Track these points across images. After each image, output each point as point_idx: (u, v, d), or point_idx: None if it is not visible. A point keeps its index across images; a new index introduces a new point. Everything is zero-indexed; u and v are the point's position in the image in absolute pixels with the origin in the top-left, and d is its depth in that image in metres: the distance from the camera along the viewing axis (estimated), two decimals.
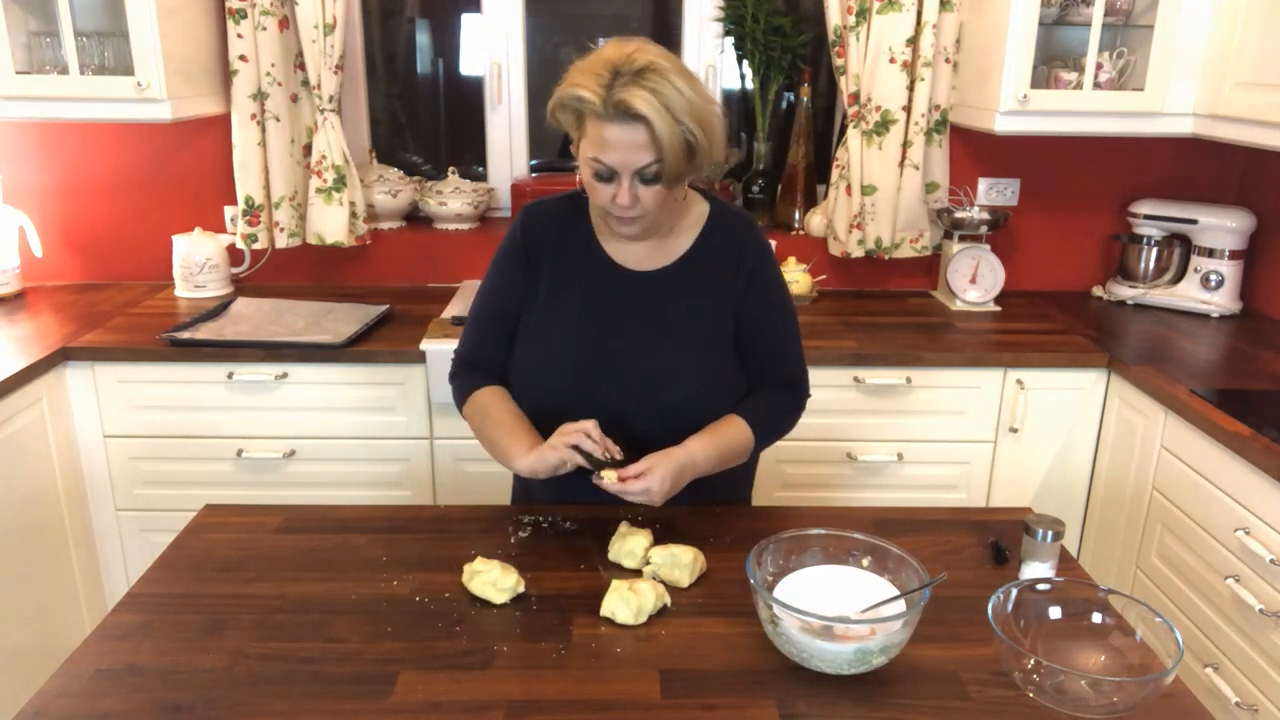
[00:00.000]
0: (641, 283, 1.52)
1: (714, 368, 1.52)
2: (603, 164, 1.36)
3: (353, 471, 2.39)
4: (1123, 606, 1.17)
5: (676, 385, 1.49)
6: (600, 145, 1.35)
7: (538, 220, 1.56)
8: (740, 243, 1.54)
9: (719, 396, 1.53)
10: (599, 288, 1.52)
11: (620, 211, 1.40)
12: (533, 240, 1.55)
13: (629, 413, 1.48)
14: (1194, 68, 2.39)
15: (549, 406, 1.51)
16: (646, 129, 1.32)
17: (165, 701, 1.09)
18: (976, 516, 1.55)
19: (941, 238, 2.79)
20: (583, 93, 1.33)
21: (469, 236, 2.82)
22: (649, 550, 1.37)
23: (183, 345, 2.28)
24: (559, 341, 1.51)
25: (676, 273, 1.52)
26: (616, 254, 1.53)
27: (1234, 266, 2.62)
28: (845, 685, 1.13)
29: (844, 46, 2.58)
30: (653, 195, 1.39)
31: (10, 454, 2.09)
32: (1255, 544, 1.79)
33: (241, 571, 1.36)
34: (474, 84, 2.93)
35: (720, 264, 1.53)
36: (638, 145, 1.34)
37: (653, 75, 1.32)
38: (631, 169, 1.36)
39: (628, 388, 1.49)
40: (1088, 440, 2.39)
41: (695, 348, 1.51)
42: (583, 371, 1.49)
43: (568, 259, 1.54)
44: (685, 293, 1.52)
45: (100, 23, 2.44)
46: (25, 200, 2.76)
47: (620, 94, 1.31)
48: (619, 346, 1.50)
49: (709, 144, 1.37)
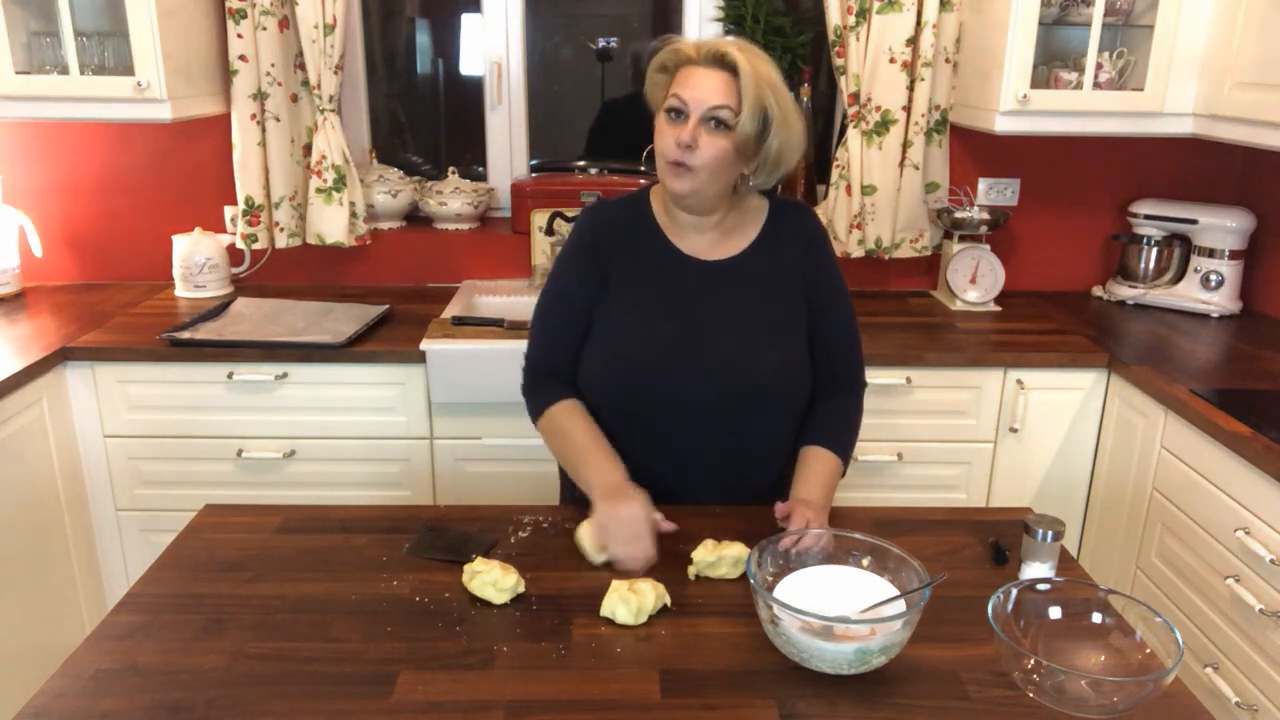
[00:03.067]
0: (713, 272, 1.53)
1: (791, 351, 1.54)
2: (679, 99, 1.41)
3: (353, 471, 2.39)
4: (1123, 606, 1.17)
5: (757, 370, 1.50)
6: (683, 83, 1.41)
7: (604, 218, 1.58)
8: (806, 229, 1.57)
9: (798, 380, 1.55)
10: (671, 279, 1.53)
11: (675, 154, 1.41)
12: (602, 240, 1.55)
13: (709, 400, 1.50)
14: (1194, 68, 2.39)
15: (628, 399, 1.52)
16: (731, 78, 1.39)
17: (165, 701, 1.09)
18: (976, 516, 1.55)
19: (941, 238, 2.79)
20: (681, 45, 1.43)
21: (469, 236, 2.82)
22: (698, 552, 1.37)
23: (183, 345, 2.28)
24: (637, 335, 1.52)
25: (747, 260, 1.54)
26: (685, 246, 1.55)
27: (1234, 266, 2.62)
28: (845, 685, 1.13)
29: (844, 46, 2.58)
30: (714, 148, 1.41)
31: (10, 454, 2.09)
32: (1255, 544, 1.79)
33: (241, 571, 1.36)
34: (474, 84, 2.93)
35: (789, 250, 1.55)
36: (717, 88, 1.39)
37: (750, 50, 1.42)
38: (704, 106, 1.40)
39: (708, 376, 1.49)
40: (1088, 440, 2.39)
41: (772, 332, 1.53)
42: (663, 362, 1.50)
43: (637, 254, 1.55)
44: (758, 279, 1.54)
45: (100, 23, 2.44)
46: (25, 200, 2.76)
47: (717, 43, 1.41)
48: (697, 336, 1.51)
49: (784, 131, 1.42)
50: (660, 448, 1.54)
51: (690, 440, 1.53)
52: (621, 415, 1.53)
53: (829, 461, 1.53)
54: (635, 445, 1.52)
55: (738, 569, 1.34)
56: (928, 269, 2.88)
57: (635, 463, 1.49)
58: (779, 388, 1.52)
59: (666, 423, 1.52)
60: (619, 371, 1.52)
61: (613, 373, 1.52)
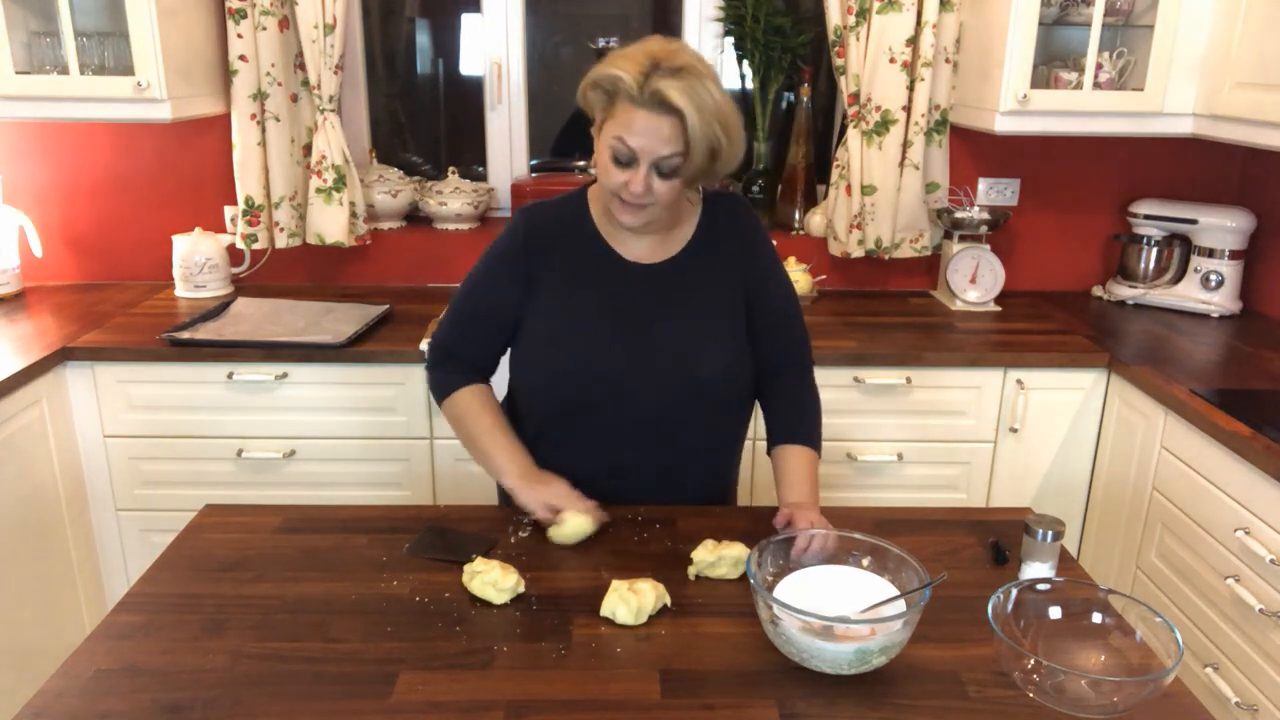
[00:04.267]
0: (654, 275, 1.53)
1: (738, 344, 1.54)
2: (625, 146, 1.37)
3: (353, 471, 2.39)
4: (1123, 606, 1.17)
5: (706, 368, 1.50)
6: (627, 127, 1.36)
7: (540, 222, 1.55)
8: (740, 223, 1.57)
9: (742, 378, 1.55)
10: (613, 284, 1.52)
11: (630, 198, 1.40)
12: (536, 243, 1.54)
13: (661, 401, 1.50)
14: (1194, 68, 2.39)
15: (578, 406, 1.51)
16: (677, 122, 1.34)
17: (165, 701, 1.09)
18: (976, 516, 1.55)
19: (941, 238, 2.79)
20: (621, 74, 1.34)
21: (469, 236, 2.82)
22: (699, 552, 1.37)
23: (183, 345, 2.28)
24: (582, 341, 1.51)
25: (686, 260, 1.54)
26: (624, 249, 1.54)
27: (1234, 266, 2.62)
28: (845, 685, 1.13)
29: (844, 46, 2.58)
30: (667, 189, 1.40)
31: (10, 454, 2.09)
32: (1255, 544, 1.79)
33: (241, 571, 1.36)
34: (474, 84, 2.93)
35: (725, 245, 1.55)
36: (664, 136, 1.35)
37: (690, 75, 1.34)
38: (652, 157, 1.37)
39: (657, 377, 1.49)
40: (1088, 440, 2.39)
41: (718, 329, 1.52)
42: (611, 368, 1.49)
43: (575, 259, 1.53)
44: (699, 279, 1.53)
45: (100, 23, 2.44)
46: (25, 200, 2.76)
47: (658, 83, 1.33)
48: (643, 339, 1.50)
49: (731, 148, 1.40)
50: (604, 452, 1.54)
51: (635, 443, 1.53)
52: (565, 422, 1.53)
53: (804, 457, 1.53)
54: (578, 451, 1.53)
55: (738, 569, 1.35)
56: (928, 269, 2.88)
57: (578, 468, 1.50)
58: (723, 387, 1.53)
59: (611, 428, 1.52)
60: (562, 379, 1.51)
61: (556, 380, 1.52)
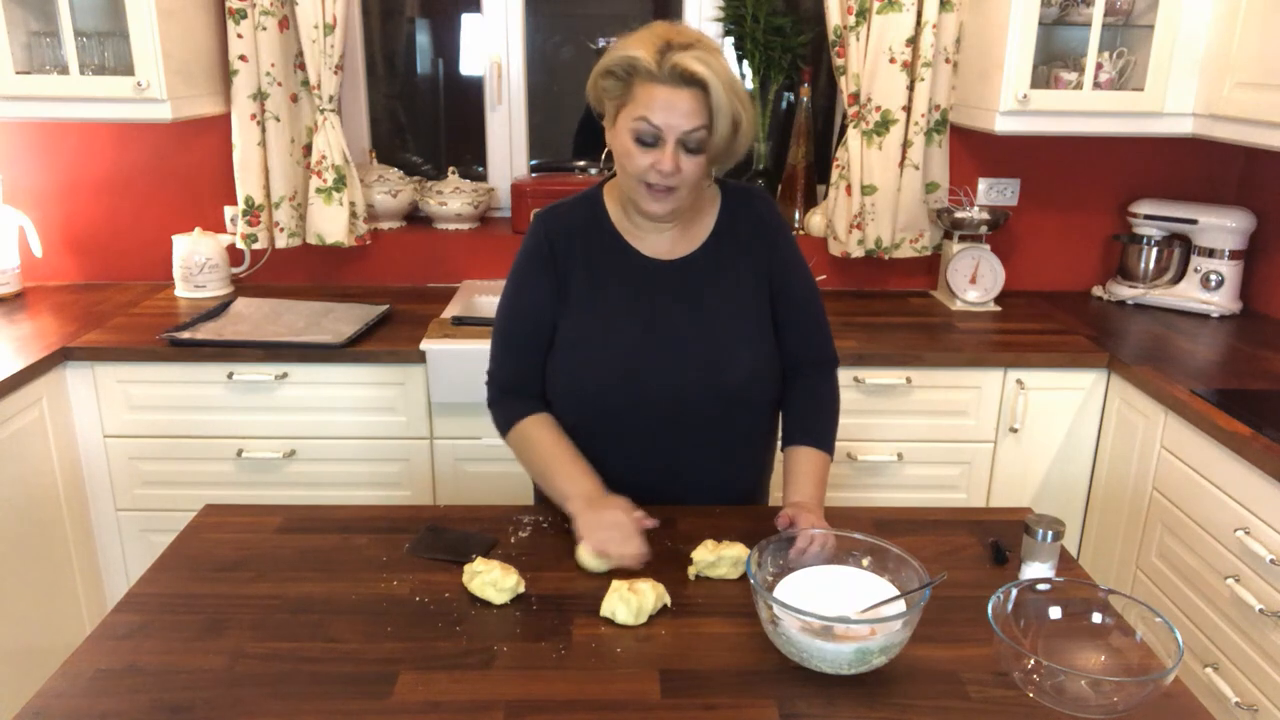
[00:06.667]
0: (676, 271, 1.51)
1: (761, 345, 1.52)
2: (650, 125, 1.35)
3: (353, 471, 2.39)
4: (1123, 606, 1.17)
5: (732, 366, 1.49)
6: (649, 106, 1.34)
7: (558, 224, 1.53)
8: (759, 214, 1.55)
9: (770, 373, 1.54)
10: (636, 283, 1.51)
11: (659, 179, 1.38)
12: (557, 246, 1.51)
13: (687, 400, 1.48)
14: (1194, 68, 2.39)
15: (602, 410, 1.50)
16: (701, 95, 1.33)
17: (165, 702, 1.09)
18: (976, 516, 1.55)
19: (941, 238, 2.79)
20: (637, 54, 1.33)
21: (469, 236, 2.82)
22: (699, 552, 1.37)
23: (183, 345, 2.28)
24: (607, 343, 1.49)
25: (707, 255, 1.52)
26: (644, 247, 1.52)
27: (1234, 266, 2.62)
28: (845, 685, 1.13)
29: (844, 46, 2.58)
30: (694, 166, 1.38)
31: (10, 454, 2.09)
32: (1255, 544, 1.79)
33: (241, 571, 1.36)
34: (474, 84, 2.93)
35: (746, 238, 1.53)
36: (689, 110, 1.34)
37: (703, 48, 1.34)
38: (678, 132, 1.35)
39: (684, 376, 1.48)
40: (1088, 440, 2.39)
41: (743, 326, 1.51)
42: (637, 368, 1.48)
43: (596, 260, 1.51)
44: (721, 274, 1.52)
45: (100, 23, 2.44)
46: (25, 200, 2.76)
47: (676, 57, 1.32)
48: (668, 338, 1.49)
49: (749, 126, 1.39)
50: (639, 456, 1.52)
51: (669, 446, 1.52)
52: (596, 426, 1.51)
53: (814, 459, 1.52)
54: (613, 455, 1.51)
55: (738, 569, 1.34)
56: (928, 269, 2.88)
57: (614, 473, 1.48)
58: (752, 385, 1.51)
59: (643, 430, 1.50)
60: (590, 383, 1.49)
61: (584, 385, 1.50)
